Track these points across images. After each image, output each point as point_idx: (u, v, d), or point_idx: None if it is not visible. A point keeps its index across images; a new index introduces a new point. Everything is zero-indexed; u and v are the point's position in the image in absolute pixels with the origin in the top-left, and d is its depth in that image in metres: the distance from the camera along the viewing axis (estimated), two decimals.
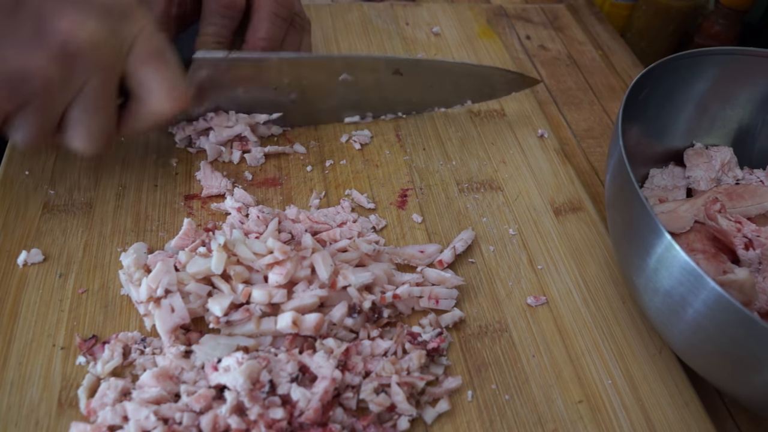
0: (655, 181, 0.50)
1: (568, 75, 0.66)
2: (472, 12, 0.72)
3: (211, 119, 0.49)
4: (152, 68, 0.38)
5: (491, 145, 0.54)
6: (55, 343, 0.37)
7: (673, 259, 0.32)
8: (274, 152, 0.50)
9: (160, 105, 0.39)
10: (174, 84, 0.39)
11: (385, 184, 0.49)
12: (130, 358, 0.36)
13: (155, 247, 0.42)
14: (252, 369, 0.33)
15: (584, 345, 0.40)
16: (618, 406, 0.38)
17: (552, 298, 0.43)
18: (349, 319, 0.38)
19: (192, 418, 0.33)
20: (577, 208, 0.49)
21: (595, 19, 0.76)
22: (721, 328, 0.31)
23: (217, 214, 0.45)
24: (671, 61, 0.44)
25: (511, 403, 0.37)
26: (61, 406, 0.34)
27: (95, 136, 0.39)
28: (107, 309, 0.39)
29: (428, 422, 0.36)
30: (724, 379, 0.35)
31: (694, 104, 0.49)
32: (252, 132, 0.50)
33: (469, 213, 0.48)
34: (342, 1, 0.70)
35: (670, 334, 0.36)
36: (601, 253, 0.46)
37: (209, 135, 0.48)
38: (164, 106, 0.40)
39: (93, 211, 0.44)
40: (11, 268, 0.40)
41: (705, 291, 0.31)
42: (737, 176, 0.49)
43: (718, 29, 0.77)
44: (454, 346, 0.39)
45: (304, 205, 0.47)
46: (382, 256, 0.43)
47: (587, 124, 0.60)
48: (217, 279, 0.38)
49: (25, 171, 0.46)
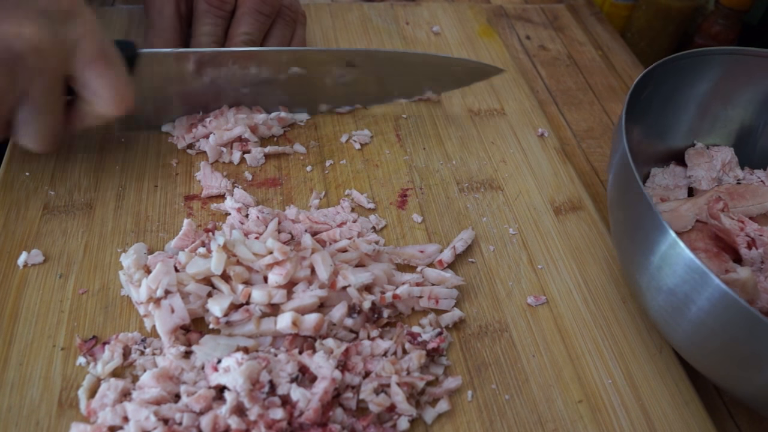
0: (657, 181, 0.50)
1: (568, 75, 0.66)
2: (472, 12, 0.72)
3: (210, 123, 0.49)
4: (96, 70, 0.39)
5: (491, 144, 0.54)
6: (55, 343, 0.37)
7: (678, 256, 0.32)
8: (274, 152, 0.50)
9: (105, 107, 0.40)
10: (118, 86, 0.40)
11: (385, 184, 0.49)
12: (130, 359, 0.36)
13: (155, 248, 0.42)
14: (252, 369, 0.33)
15: (584, 345, 0.40)
16: (618, 405, 0.38)
17: (552, 298, 0.43)
18: (349, 320, 0.38)
19: (192, 418, 0.33)
20: (578, 208, 0.49)
21: (595, 19, 0.76)
22: (725, 326, 0.31)
23: (217, 214, 0.45)
24: (673, 60, 0.44)
25: (511, 403, 0.37)
26: (61, 407, 0.34)
27: (44, 136, 0.40)
28: (107, 310, 0.39)
29: (428, 422, 0.35)
30: (726, 378, 0.35)
31: (696, 104, 0.49)
32: (252, 133, 0.50)
33: (469, 213, 0.48)
34: (342, 1, 0.70)
35: (673, 332, 0.36)
36: (601, 252, 0.46)
37: (209, 138, 0.49)
38: (109, 108, 0.40)
39: (93, 212, 0.44)
40: (11, 269, 0.40)
41: (709, 288, 0.31)
42: (738, 176, 0.49)
43: (718, 29, 0.77)
44: (454, 346, 0.39)
45: (303, 205, 0.47)
46: (382, 256, 0.43)
47: (587, 124, 0.60)
48: (216, 279, 0.38)
49: (26, 172, 0.46)
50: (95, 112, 0.41)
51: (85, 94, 0.40)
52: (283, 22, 0.53)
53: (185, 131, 0.49)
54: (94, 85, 0.39)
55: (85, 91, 0.40)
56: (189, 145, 0.49)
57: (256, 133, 0.51)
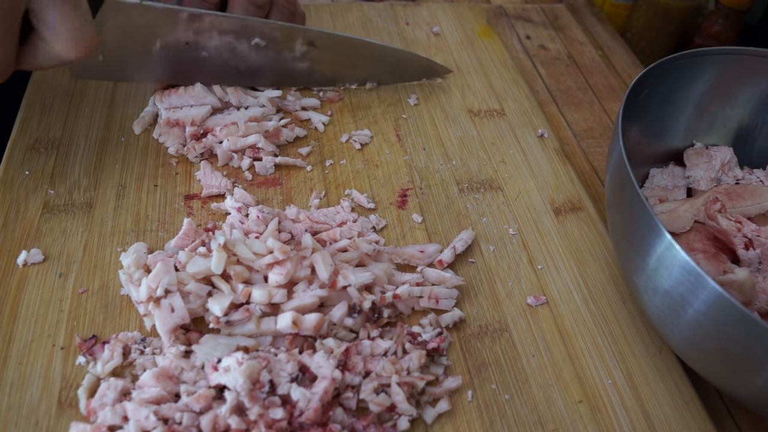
0: (655, 181, 0.50)
1: (568, 75, 0.66)
2: (472, 12, 0.72)
3: (221, 130, 0.49)
4: (61, 11, 0.37)
5: (491, 145, 0.54)
6: (55, 343, 0.37)
7: (673, 258, 0.32)
8: (284, 163, 0.49)
9: (66, 49, 0.38)
10: (80, 27, 0.38)
11: (385, 184, 0.49)
12: (130, 358, 0.36)
13: (155, 247, 0.42)
14: (252, 369, 0.33)
15: (584, 345, 0.40)
16: (618, 406, 0.38)
17: (552, 298, 0.43)
18: (349, 319, 0.38)
19: (192, 418, 0.33)
20: (577, 208, 0.49)
21: (595, 19, 0.76)
22: (721, 328, 0.31)
23: (217, 213, 0.45)
24: (671, 60, 0.44)
25: (511, 403, 0.37)
26: (60, 406, 0.34)
27: None
28: (107, 309, 0.39)
29: (428, 422, 0.36)
30: (723, 379, 0.35)
31: (694, 104, 0.49)
32: (274, 138, 0.50)
33: (469, 213, 0.48)
34: (342, 1, 0.70)
35: (670, 333, 0.36)
36: (601, 253, 0.46)
37: (222, 143, 0.48)
38: (70, 52, 0.39)
39: (93, 211, 0.44)
40: (11, 268, 0.40)
41: (705, 291, 0.31)
42: (737, 176, 0.49)
43: (718, 29, 0.77)
44: (454, 346, 0.39)
45: (304, 204, 0.47)
46: (382, 256, 0.43)
47: (587, 124, 0.60)
48: (217, 279, 0.38)
49: (25, 171, 0.46)
50: (52, 52, 0.39)
51: (43, 32, 0.38)
52: (279, 14, 0.53)
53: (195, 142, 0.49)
54: (54, 23, 0.37)
55: (44, 28, 0.38)
56: (200, 154, 0.49)
57: (279, 137, 0.51)
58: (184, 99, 0.50)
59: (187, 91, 0.50)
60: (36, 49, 0.39)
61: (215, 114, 0.51)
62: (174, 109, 0.50)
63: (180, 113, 0.49)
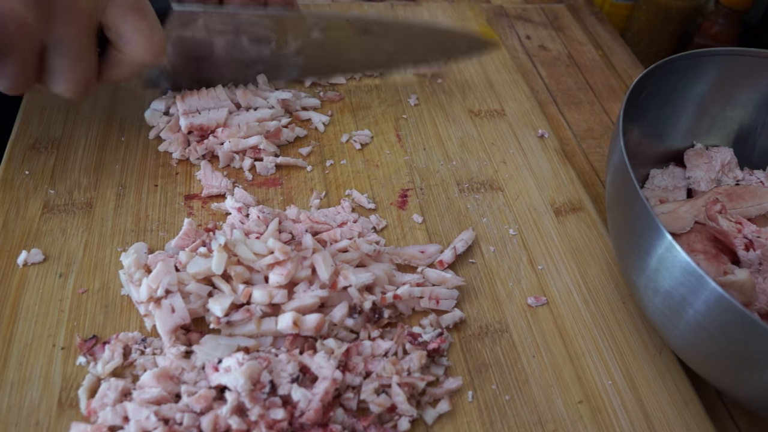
0: (656, 182, 0.50)
1: (568, 75, 0.66)
2: (472, 12, 0.71)
3: (222, 132, 0.49)
4: (131, 20, 0.40)
5: (491, 145, 0.54)
6: (55, 343, 0.37)
7: (674, 259, 0.32)
8: (285, 164, 0.50)
9: (140, 54, 0.41)
10: (152, 34, 0.41)
11: (386, 184, 0.49)
12: (130, 359, 0.36)
13: (155, 247, 0.42)
14: (252, 369, 0.33)
15: (584, 345, 0.40)
16: (618, 406, 0.38)
17: (552, 299, 0.43)
18: (350, 320, 0.38)
19: (192, 418, 0.33)
20: (578, 209, 0.49)
21: (595, 19, 0.76)
22: (722, 329, 0.31)
23: (217, 214, 0.45)
24: (672, 61, 0.44)
25: (512, 403, 0.37)
26: (61, 407, 0.34)
27: (76, 83, 0.40)
28: (107, 309, 0.39)
29: (429, 423, 0.36)
30: (723, 380, 0.36)
31: (695, 105, 0.49)
32: (274, 138, 0.50)
33: (469, 213, 0.48)
34: (342, 1, 0.70)
35: (670, 334, 0.36)
36: (601, 253, 0.46)
37: (224, 144, 0.48)
38: (143, 55, 0.41)
39: (93, 211, 0.44)
40: (11, 268, 0.40)
41: (705, 291, 0.31)
42: (737, 177, 0.49)
43: (718, 29, 0.78)
44: (455, 347, 0.39)
45: (304, 205, 0.47)
46: (383, 256, 0.43)
47: (587, 124, 0.60)
48: (217, 279, 0.38)
49: (25, 171, 0.46)
50: (128, 59, 0.42)
51: (118, 43, 0.41)
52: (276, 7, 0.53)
53: (197, 144, 0.49)
54: (129, 34, 0.40)
55: (119, 39, 0.41)
56: (202, 156, 0.49)
57: (279, 137, 0.50)
58: (205, 101, 0.50)
59: (209, 93, 0.50)
60: (114, 62, 0.42)
61: None
62: (192, 114, 0.49)
63: (200, 118, 0.49)
